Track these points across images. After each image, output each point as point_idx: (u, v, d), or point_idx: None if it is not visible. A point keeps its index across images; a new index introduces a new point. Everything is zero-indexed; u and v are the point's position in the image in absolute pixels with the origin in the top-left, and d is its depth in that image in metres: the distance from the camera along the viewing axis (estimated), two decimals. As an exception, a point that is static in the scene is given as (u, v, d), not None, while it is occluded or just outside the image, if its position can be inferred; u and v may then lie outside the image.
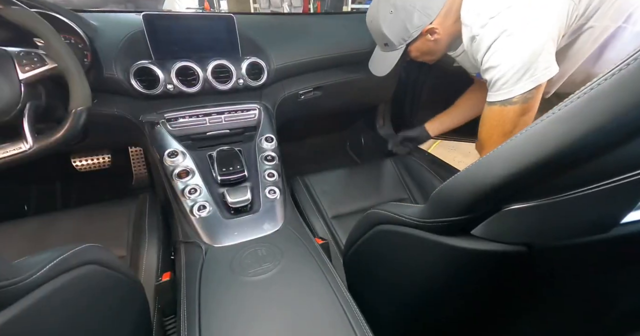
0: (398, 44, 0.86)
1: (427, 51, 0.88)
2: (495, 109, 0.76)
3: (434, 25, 0.80)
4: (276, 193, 0.83)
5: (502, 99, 0.74)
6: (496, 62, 0.71)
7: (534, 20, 0.67)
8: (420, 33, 0.82)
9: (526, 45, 0.67)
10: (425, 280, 0.49)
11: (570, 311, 0.46)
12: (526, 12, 0.67)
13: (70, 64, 0.58)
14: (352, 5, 3.86)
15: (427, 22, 0.80)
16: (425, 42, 0.85)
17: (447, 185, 0.37)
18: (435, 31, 0.81)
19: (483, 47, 0.72)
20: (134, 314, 0.54)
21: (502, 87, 0.72)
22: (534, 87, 0.70)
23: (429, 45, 0.86)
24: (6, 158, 0.55)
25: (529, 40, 0.67)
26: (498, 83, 0.73)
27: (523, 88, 0.70)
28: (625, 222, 0.31)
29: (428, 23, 0.80)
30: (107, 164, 1.24)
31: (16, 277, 0.30)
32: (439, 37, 0.83)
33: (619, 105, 0.21)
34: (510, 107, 0.74)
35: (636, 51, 0.21)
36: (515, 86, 0.71)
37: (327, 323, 0.54)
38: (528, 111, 0.74)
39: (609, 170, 0.26)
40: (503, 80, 0.71)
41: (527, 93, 0.71)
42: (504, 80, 0.71)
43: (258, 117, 0.96)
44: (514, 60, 0.69)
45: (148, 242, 0.79)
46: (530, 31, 0.67)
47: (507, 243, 0.35)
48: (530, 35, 0.67)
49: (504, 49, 0.69)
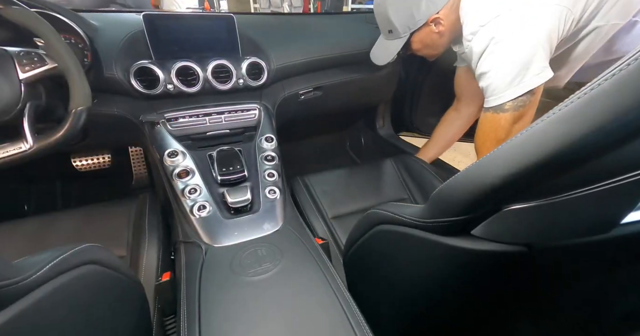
0: (403, 31, 0.86)
1: (429, 43, 0.88)
2: (489, 116, 0.77)
3: (439, 15, 0.80)
4: (276, 193, 0.83)
5: (493, 105, 0.75)
6: (487, 68, 0.72)
7: (522, 28, 0.67)
8: (426, 22, 0.82)
9: (514, 52, 0.68)
10: (425, 280, 0.49)
11: (570, 312, 0.46)
12: (514, 20, 0.68)
13: (70, 63, 0.58)
14: (352, 5, 3.86)
15: (434, 11, 0.80)
16: (429, 34, 0.85)
17: (447, 185, 0.37)
18: (440, 22, 0.81)
19: (475, 54, 0.73)
20: (134, 314, 0.54)
21: (493, 93, 0.73)
22: (524, 93, 0.70)
23: (432, 37, 0.85)
24: (6, 158, 0.55)
25: (517, 47, 0.68)
26: (489, 89, 0.74)
27: (513, 93, 0.71)
28: (625, 222, 0.31)
29: (435, 12, 0.80)
30: (107, 164, 1.24)
31: (16, 277, 0.30)
32: (442, 30, 0.83)
33: (619, 105, 0.21)
34: (502, 114, 0.75)
35: (636, 51, 0.21)
36: (505, 92, 0.71)
37: (327, 323, 0.54)
38: (520, 118, 0.75)
39: (609, 170, 0.26)
40: (493, 86, 0.73)
41: (519, 101, 0.72)
42: (494, 86, 0.72)
43: (258, 117, 0.96)
44: (503, 66, 0.70)
45: (148, 241, 0.79)
46: (518, 38, 0.68)
47: (507, 243, 0.35)
48: (519, 42, 0.68)
49: (494, 55, 0.70)
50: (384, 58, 0.95)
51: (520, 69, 0.68)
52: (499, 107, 0.74)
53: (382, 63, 0.97)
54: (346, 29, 1.13)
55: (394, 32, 0.88)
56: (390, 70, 1.24)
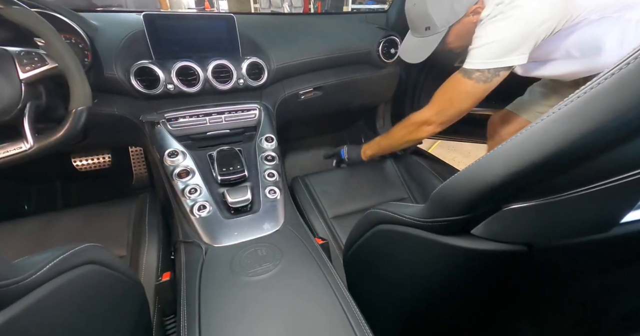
0: (441, 26, 0.84)
1: (464, 34, 0.86)
2: (457, 76, 0.82)
3: (479, 4, 0.79)
4: (276, 193, 0.83)
5: (467, 67, 0.79)
6: (480, 33, 0.76)
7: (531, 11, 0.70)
8: (465, 13, 0.81)
9: (507, 31, 0.72)
10: (425, 280, 0.49)
11: (570, 311, 0.46)
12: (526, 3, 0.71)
13: (70, 63, 0.58)
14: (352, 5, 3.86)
15: (474, 0, 0.79)
16: (466, 24, 0.83)
17: (447, 184, 0.37)
18: (479, 11, 0.80)
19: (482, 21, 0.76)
20: (134, 314, 0.54)
21: (473, 57, 0.77)
22: (497, 68, 0.75)
23: (469, 28, 0.83)
24: (6, 157, 0.55)
25: (511, 28, 0.72)
26: (471, 51, 0.78)
27: (485, 64, 0.75)
28: (625, 222, 0.31)
29: (474, 2, 0.79)
30: (107, 164, 1.24)
31: (16, 277, 0.30)
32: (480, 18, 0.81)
33: (619, 104, 0.21)
34: (466, 80, 0.79)
35: (636, 51, 0.21)
36: (480, 60, 0.76)
37: (327, 323, 0.54)
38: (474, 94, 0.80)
39: (609, 169, 0.26)
40: (475, 51, 0.77)
41: (487, 74, 0.76)
42: (475, 51, 0.76)
43: (258, 117, 0.96)
44: (492, 37, 0.74)
45: (148, 241, 0.79)
46: (521, 19, 0.71)
47: (507, 242, 0.35)
48: (520, 22, 0.71)
49: (491, 26, 0.74)
50: (420, 55, 0.92)
51: (504, 45, 0.73)
52: (468, 71, 0.79)
53: (418, 61, 0.94)
54: (346, 29, 1.13)
55: (432, 28, 0.86)
56: (390, 71, 1.24)
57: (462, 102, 0.84)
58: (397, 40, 1.14)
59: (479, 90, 0.79)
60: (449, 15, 0.83)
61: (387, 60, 1.15)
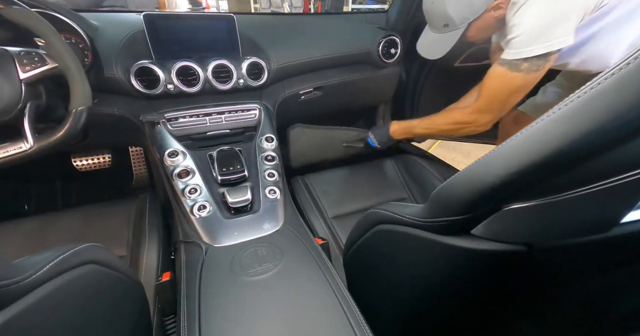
0: (460, 22, 0.83)
1: (484, 28, 0.85)
2: (501, 71, 0.77)
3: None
4: (276, 193, 0.83)
5: (510, 59, 0.75)
6: (518, 20, 0.72)
7: None
8: (486, 9, 0.79)
9: (549, 10, 0.68)
10: (425, 280, 0.49)
11: (570, 311, 0.46)
12: None
13: (70, 63, 0.58)
14: (352, 5, 3.87)
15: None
16: (486, 19, 0.81)
17: (447, 184, 0.37)
18: (501, 6, 0.77)
19: (515, 8, 0.73)
20: (134, 314, 0.54)
21: (514, 46, 0.73)
22: (543, 54, 0.70)
23: (490, 23, 0.82)
24: (6, 157, 0.55)
25: (553, 6, 0.68)
26: (513, 41, 0.74)
27: (532, 51, 0.71)
28: (625, 222, 0.31)
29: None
30: (107, 164, 1.24)
31: (16, 277, 0.30)
32: (502, 13, 0.79)
33: (619, 104, 0.21)
34: (515, 72, 0.75)
35: (636, 50, 0.21)
36: (527, 48, 0.71)
37: (327, 323, 0.54)
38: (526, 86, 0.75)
39: (609, 169, 0.26)
40: (519, 39, 0.72)
41: (534, 63, 0.72)
42: (520, 39, 0.72)
43: (258, 117, 0.96)
44: (534, 21, 0.70)
45: (148, 241, 0.79)
46: None
47: (507, 242, 0.35)
48: (557, 2, 0.68)
49: (530, 9, 0.70)
50: (438, 51, 0.91)
51: (549, 28, 0.68)
52: (515, 64, 0.74)
53: (437, 57, 0.92)
54: (346, 29, 1.13)
55: (451, 25, 0.85)
56: (390, 71, 1.24)
57: (516, 99, 0.80)
58: (397, 40, 1.14)
59: (531, 81, 0.75)
60: (468, 13, 0.81)
61: (387, 60, 1.15)
